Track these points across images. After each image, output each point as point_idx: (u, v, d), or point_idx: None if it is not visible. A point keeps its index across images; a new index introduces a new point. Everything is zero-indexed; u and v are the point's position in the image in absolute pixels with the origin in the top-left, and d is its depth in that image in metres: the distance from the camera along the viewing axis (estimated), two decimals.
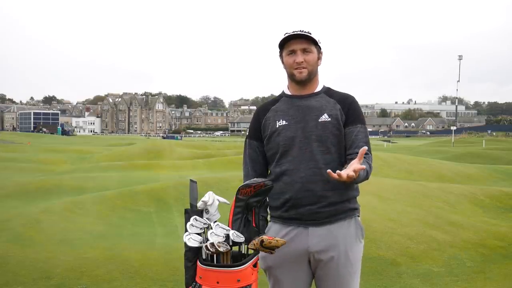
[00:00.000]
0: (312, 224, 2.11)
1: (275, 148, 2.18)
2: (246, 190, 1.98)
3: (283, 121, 2.18)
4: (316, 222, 2.10)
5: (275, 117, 2.21)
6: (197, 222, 1.97)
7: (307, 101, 2.19)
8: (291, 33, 2.13)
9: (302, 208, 2.10)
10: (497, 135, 60.56)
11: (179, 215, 6.79)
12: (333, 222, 2.11)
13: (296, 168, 2.11)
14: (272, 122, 2.21)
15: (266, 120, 2.24)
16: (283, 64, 2.23)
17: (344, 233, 2.11)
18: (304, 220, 2.11)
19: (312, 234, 2.10)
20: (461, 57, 69.37)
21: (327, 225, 2.11)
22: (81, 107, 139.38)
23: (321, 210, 2.09)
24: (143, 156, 20.37)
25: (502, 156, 21.59)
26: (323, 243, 2.09)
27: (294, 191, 2.10)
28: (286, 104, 2.23)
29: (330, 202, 2.09)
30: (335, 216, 2.11)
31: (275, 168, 2.19)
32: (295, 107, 2.20)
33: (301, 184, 2.09)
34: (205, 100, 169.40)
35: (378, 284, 4.29)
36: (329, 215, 2.10)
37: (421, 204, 7.31)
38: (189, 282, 1.97)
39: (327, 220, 2.11)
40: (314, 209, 2.09)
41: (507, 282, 4.39)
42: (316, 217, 2.10)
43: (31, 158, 19.57)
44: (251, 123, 2.34)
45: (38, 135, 55.45)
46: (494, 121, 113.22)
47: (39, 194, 9.09)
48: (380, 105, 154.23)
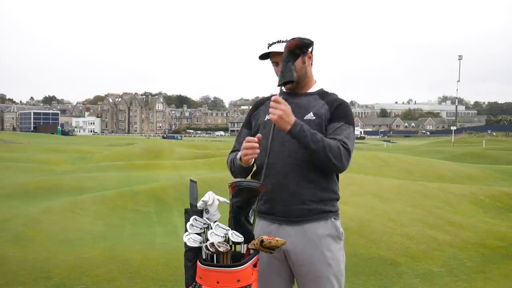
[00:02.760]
0: (285, 222, 2.12)
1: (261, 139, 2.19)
2: (229, 189, 2.00)
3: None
4: (288, 220, 2.11)
5: (265, 110, 2.24)
6: (197, 222, 1.97)
7: (298, 99, 2.21)
8: (268, 47, 2.16)
9: (276, 203, 2.12)
10: (497, 135, 60.57)
11: (179, 215, 6.79)
12: (306, 222, 2.11)
13: (275, 162, 2.12)
14: (262, 116, 2.26)
15: (258, 113, 2.31)
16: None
17: (318, 234, 2.09)
18: (278, 217, 2.13)
19: (285, 233, 2.10)
20: (461, 57, 69.23)
21: (300, 224, 2.11)
22: (81, 107, 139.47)
23: (293, 207, 2.10)
24: (143, 156, 20.37)
25: (502, 156, 21.59)
26: (295, 242, 2.08)
27: (270, 184, 2.11)
28: None
29: (303, 200, 2.09)
30: (307, 216, 2.10)
31: (257, 161, 2.20)
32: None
33: (276, 179, 2.10)
34: (205, 100, 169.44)
35: (378, 284, 4.29)
36: (301, 214, 2.10)
37: (421, 204, 7.31)
38: (189, 282, 1.97)
39: (299, 219, 2.11)
40: (286, 204, 2.10)
41: (507, 282, 4.39)
42: (288, 214, 2.11)
43: (31, 158, 19.58)
44: (248, 113, 2.42)
45: (38, 135, 55.43)
46: (494, 121, 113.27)
47: (39, 194, 9.09)
48: (380, 105, 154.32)
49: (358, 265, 4.66)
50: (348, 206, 6.48)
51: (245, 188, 1.96)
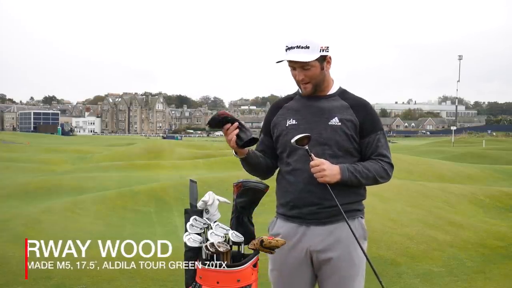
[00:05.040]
0: (313, 223, 2.11)
1: (283, 147, 2.19)
2: (233, 188, 1.99)
3: (293, 120, 2.18)
4: (318, 222, 2.11)
5: (285, 115, 2.21)
6: (197, 222, 1.97)
7: (320, 103, 2.17)
8: (286, 53, 2.08)
9: (304, 208, 2.11)
10: (497, 135, 60.53)
11: (179, 215, 6.79)
12: (334, 222, 2.11)
13: (301, 168, 2.11)
14: (282, 121, 2.21)
15: (278, 117, 2.25)
16: None
17: (346, 233, 2.08)
18: (306, 219, 2.11)
19: (313, 233, 2.10)
20: (461, 57, 69.08)
21: (329, 225, 2.10)
22: (81, 107, 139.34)
23: (322, 210, 2.10)
24: (143, 156, 20.34)
25: (502, 156, 21.57)
26: (324, 242, 2.09)
27: (297, 191, 2.11)
28: (298, 103, 2.22)
29: (331, 204, 2.07)
30: (336, 217, 2.09)
31: (282, 166, 2.21)
32: (306, 107, 2.19)
33: (303, 185, 2.09)
34: (205, 100, 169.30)
35: (378, 284, 4.28)
36: (330, 215, 2.10)
37: (421, 204, 7.31)
38: (189, 282, 1.97)
39: (328, 220, 2.10)
40: (314, 209, 2.10)
41: (507, 282, 4.39)
42: (317, 216, 2.10)
43: (31, 158, 19.57)
44: (265, 118, 2.35)
45: (38, 135, 55.40)
46: (494, 121, 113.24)
47: (39, 194, 9.08)
48: (380, 105, 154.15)
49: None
50: None
51: (251, 188, 1.97)
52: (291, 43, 2.07)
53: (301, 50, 2.05)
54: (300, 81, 2.13)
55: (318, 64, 2.10)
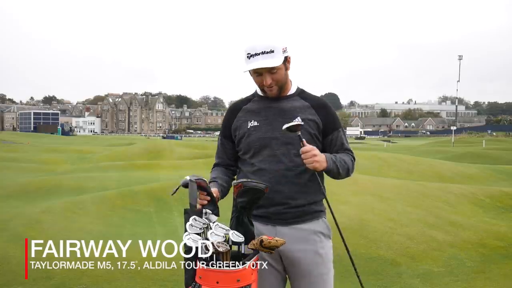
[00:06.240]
0: (280, 223, 2.14)
1: (246, 148, 2.20)
2: (233, 188, 2.01)
3: (254, 122, 2.19)
4: (284, 222, 2.14)
5: (246, 117, 2.22)
6: (196, 222, 1.97)
7: (280, 103, 2.19)
8: (250, 60, 2.05)
9: (271, 208, 2.13)
10: (497, 135, 60.60)
11: (179, 215, 6.79)
12: (300, 223, 2.15)
13: (266, 169, 2.14)
14: (243, 123, 2.22)
15: (238, 120, 2.25)
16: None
17: (311, 232, 2.14)
18: (272, 219, 2.15)
19: (280, 234, 2.11)
20: (461, 57, 69.18)
21: (294, 225, 2.14)
22: (81, 107, 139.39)
23: (288, 211, 2.13)
24: (143, 156, 20.34)
25: (502, 156, 21.59)
26: (291, 242, 2.10)
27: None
28: (258, 105, 2.23)
29: (296, 204, 2.13)
30: (301, 217, 2.14)
31: (244, 167, 2.22)
32: (267, 108, 2.20)
33: (270, 185, 2.09)
34: (205, 100, 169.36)
35: (378, 284, 4.29)
36: (296, 216, 2.14)
37: (421, 204, 7.31)
38: (189, 282, 1.97)
39: (294, 220, 2.14)
40: (281, 209, 2.13)
41: (507, 282, 4.39)
42: (284, 217, 2.14)
43: (31, 158, 19.56)
44: (223, 121, 2.34)
45: (38, 135, 55.40)
46: (494, 121, 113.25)
47: (39, 194, 9.08)
48: (380, 105, 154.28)
49: (358, 265, 4.62)
50: (348, 206, 6.49)
51: (251, 188, 1.97)
52: (253, 50, 2.05)
53: (267, 55, 2.04)
54: (268, 86, 2.12)
55: (283, 66, 2.12)
